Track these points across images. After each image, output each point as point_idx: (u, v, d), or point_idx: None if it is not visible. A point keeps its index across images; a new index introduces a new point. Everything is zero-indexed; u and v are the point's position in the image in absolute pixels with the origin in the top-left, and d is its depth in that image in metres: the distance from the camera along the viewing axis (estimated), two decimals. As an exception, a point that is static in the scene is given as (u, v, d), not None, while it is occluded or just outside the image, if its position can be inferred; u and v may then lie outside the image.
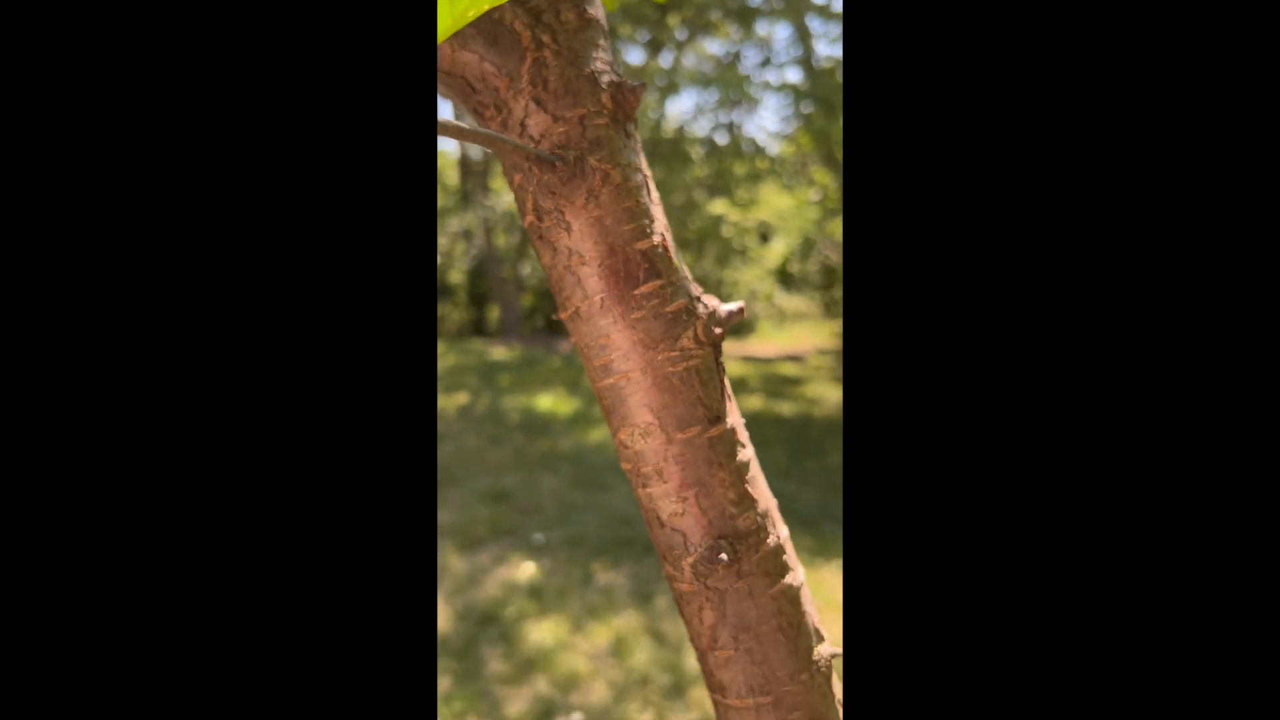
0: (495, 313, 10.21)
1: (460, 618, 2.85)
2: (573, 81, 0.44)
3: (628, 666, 2.58)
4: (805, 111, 7.05)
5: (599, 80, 0.45)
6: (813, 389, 6.89)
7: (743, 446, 0.47)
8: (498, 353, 7.90)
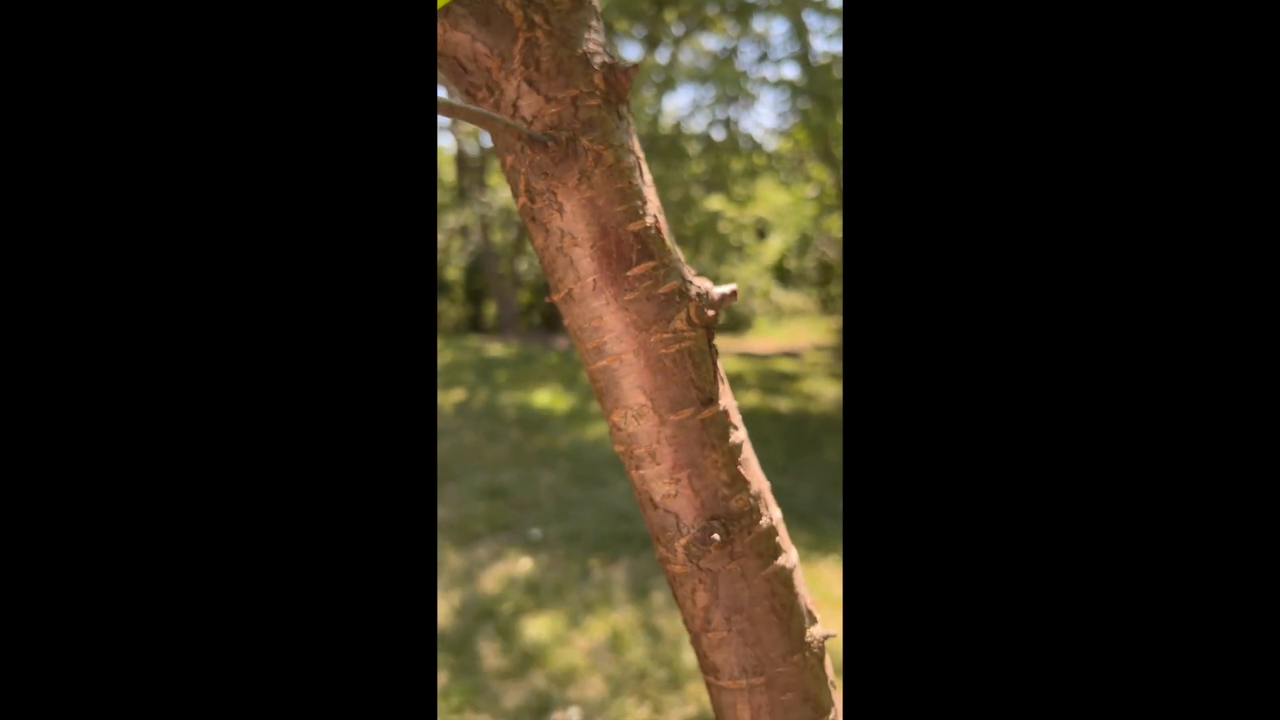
0: (492, 309, 10.21)
1: (457, 613, 2.85)
2: (565, 62, 0.44)
3: (625, 661, 2.58)
4: (802, 107, 7.05)
5: (591, 61, 0.45)
6: (809, 385, 6.90)
7: (735, 429, 0.47)
8: (494, 349, 7.90)
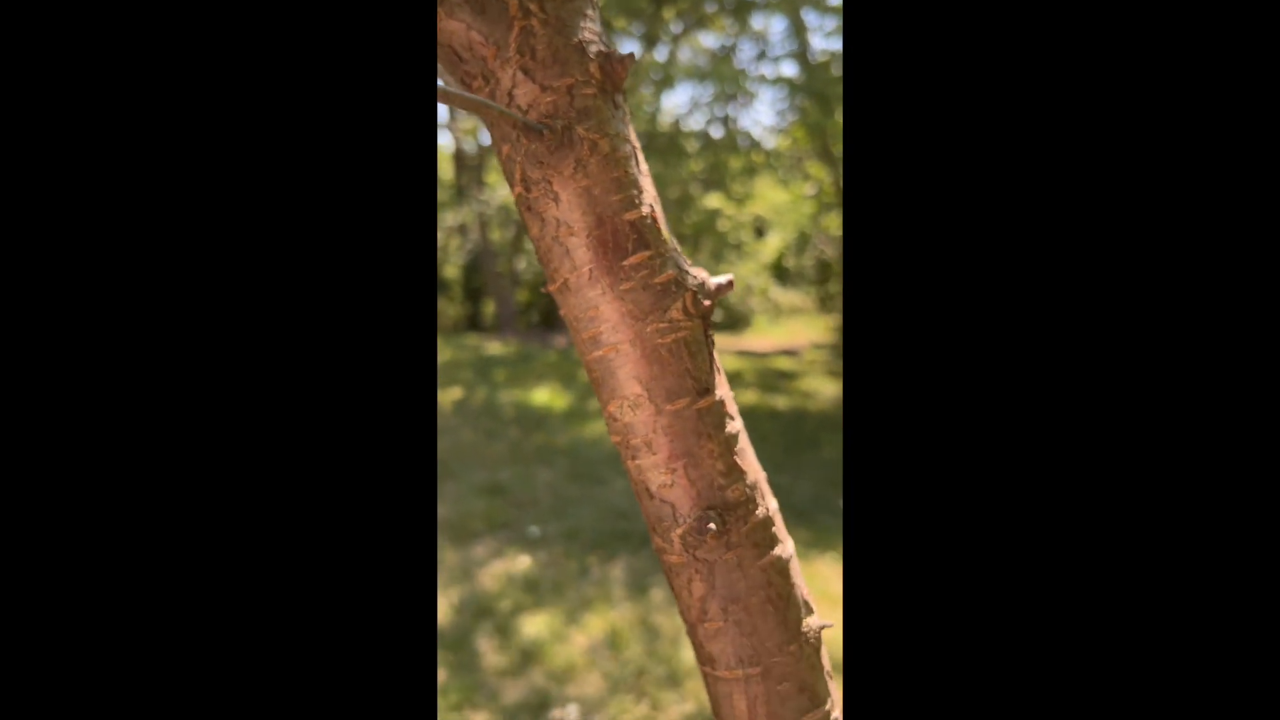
0: (490, 307, 10.20)
1: (456, 610, 2.85)
2: (560, 51, 0.44)
3: (623, 659, 2.58)
4: (800, 105, 7.04)
5: (587, 50, 0.45)
6: (807, 383, 6.90)
7: (731, 419, 0.47)
8: (493, 347, 7.89)
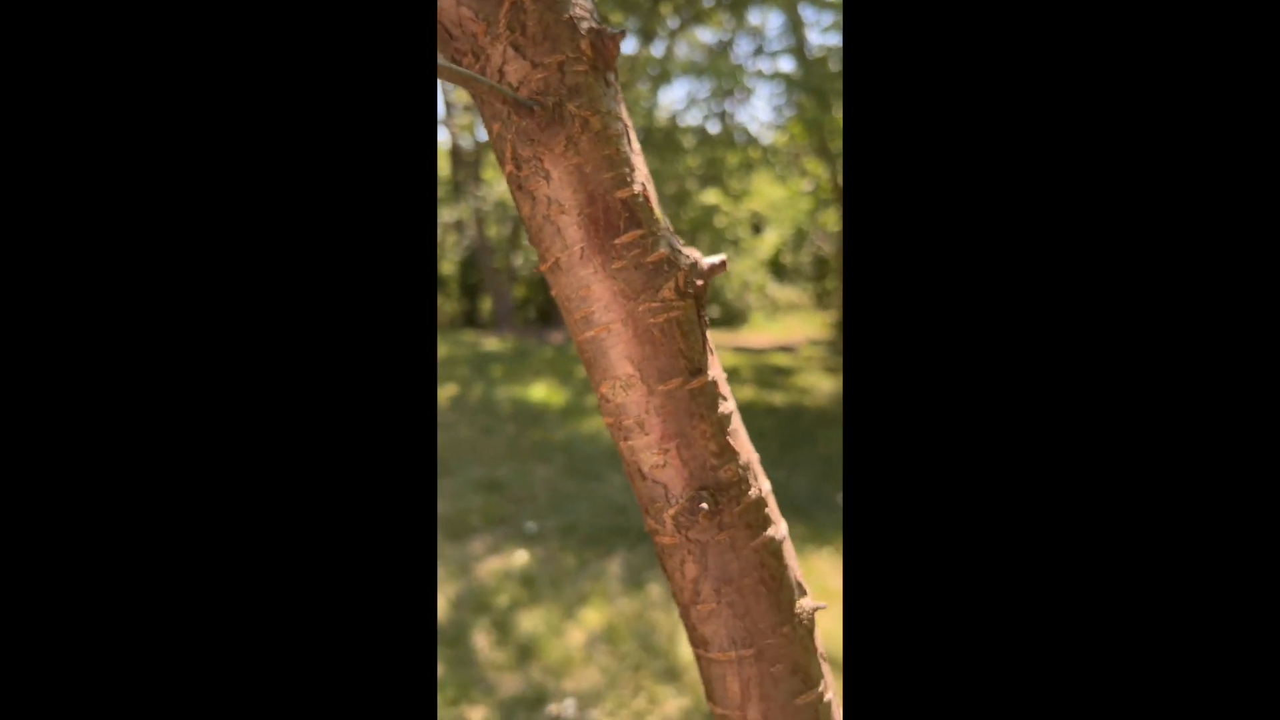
0: (487, 304, 10.19)
1: (453, 605, 2.85)
2: (551, 27, 0.43)
3: (620, 653, 2.58)
4: (797, 101, 7.03)
5: (578, 26, 0.44)
6: (804, 379, 6.90)
7: (724, 399, 0.47)
8: (490, 344, 7.88)
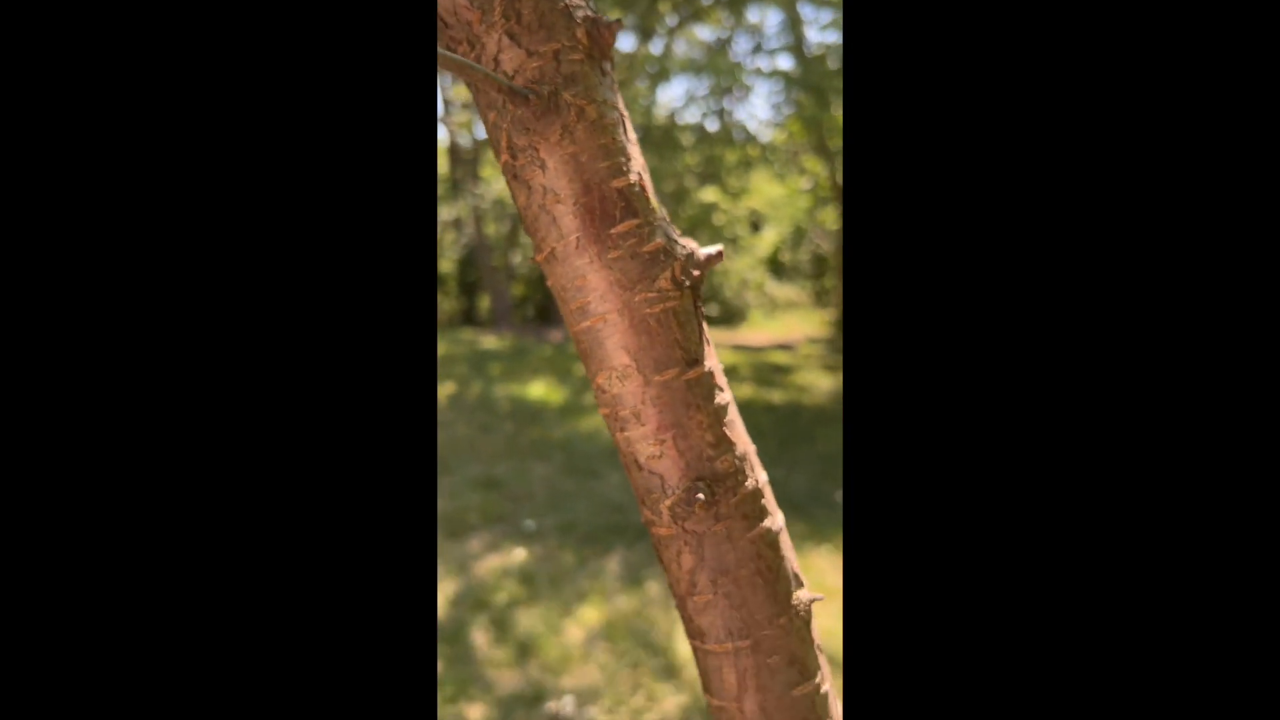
0: (486, 302, 10.19)
1: (452, 603, 2.84)
2: (546, 15, 0.43)
3: (618, 650, 2.58)
4: (796, 99, 7.03)
5: (574, 15, 0.44)
6: (803, 377, 6.90)
7: (720, 390, 0.46)
8: (488, 342, 7.88)
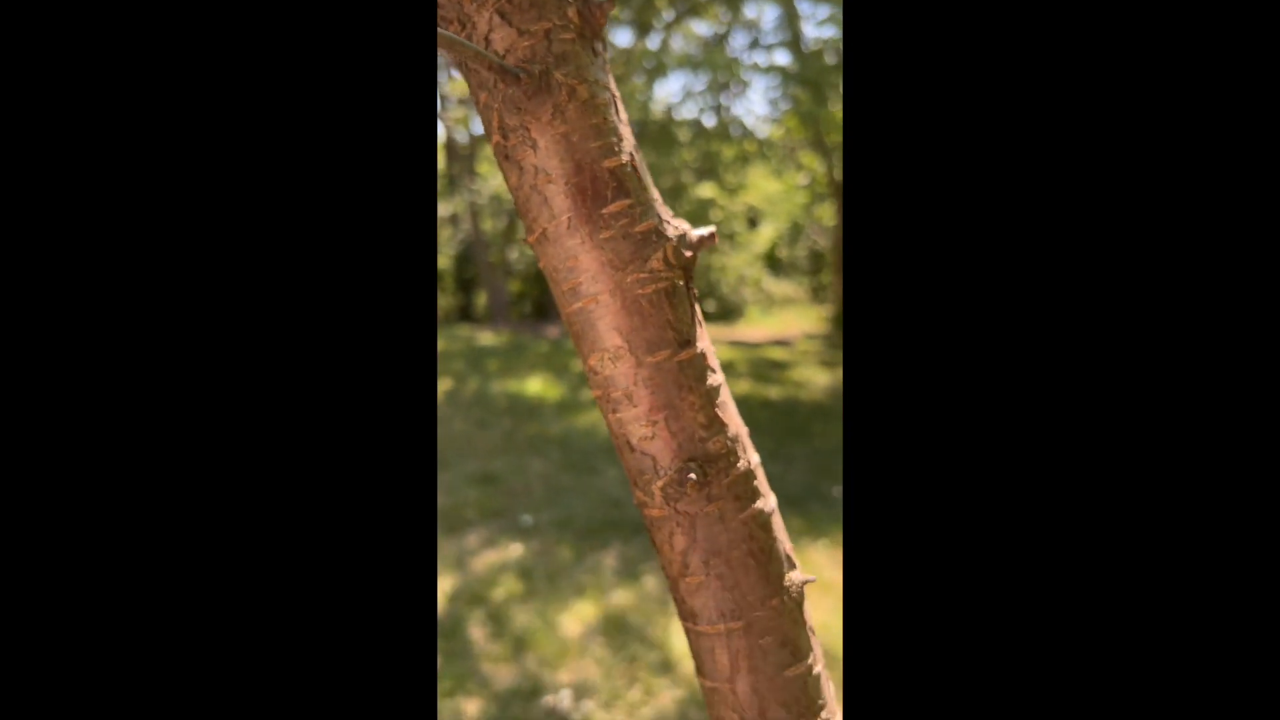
0: (483, 298, 10.18)
1: (449, 598, 2.84)
2: None
3: (615, 645, 2.59)
4: (793, 94, 7.02)
5: (565, -6, 0.44)
6: (800, 373, 6.90)
7: (713, 372, 0.46)
8: (485, 338, 7.87)
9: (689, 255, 0.45)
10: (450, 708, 2.25)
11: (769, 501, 0.47)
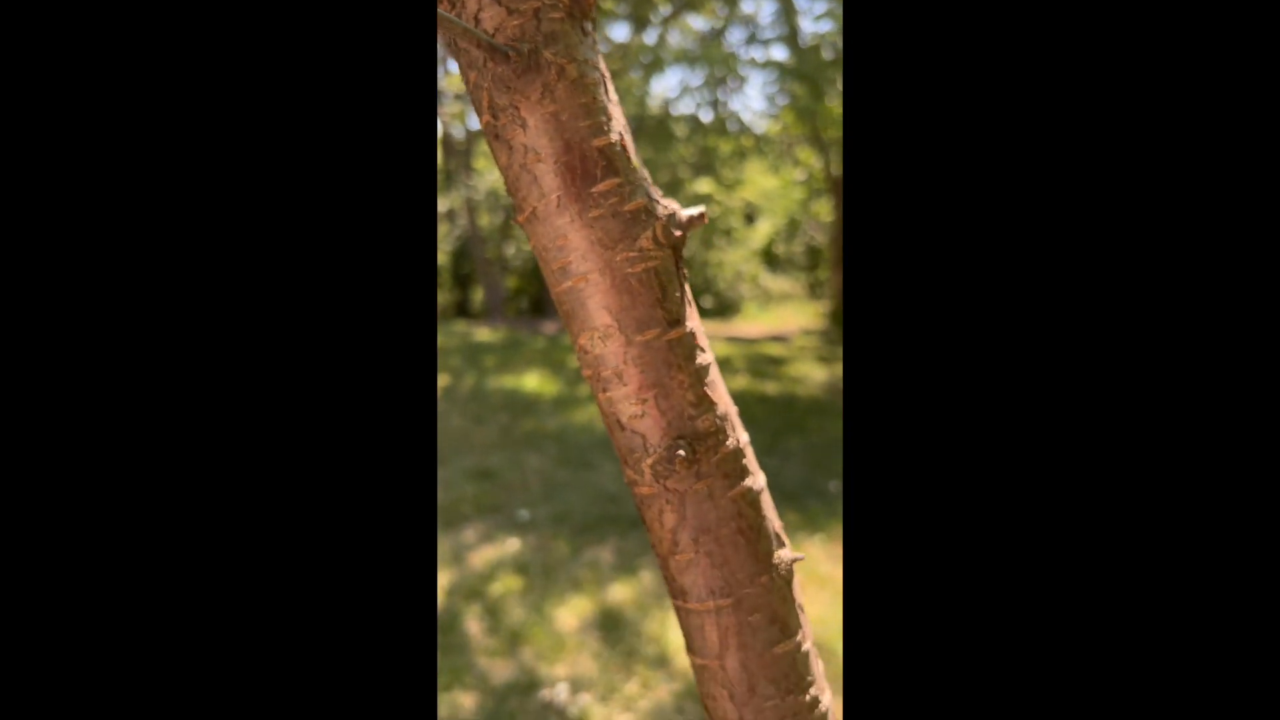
0: (479, 294, 10.17)
1: (446, 593, 2.85)
2: None
3: (612, 639, 2.59)
4: (790, 89, 7.02)
5: (554, -27, 0.44)
6: (797, 368, 6.91)
7: (702, 351, 0.47)
8: (482, 333, 7.87)
9: (678, 234, 0.46)
10: (447, 701, 2.26)
11: (758, 479, 0.47)
